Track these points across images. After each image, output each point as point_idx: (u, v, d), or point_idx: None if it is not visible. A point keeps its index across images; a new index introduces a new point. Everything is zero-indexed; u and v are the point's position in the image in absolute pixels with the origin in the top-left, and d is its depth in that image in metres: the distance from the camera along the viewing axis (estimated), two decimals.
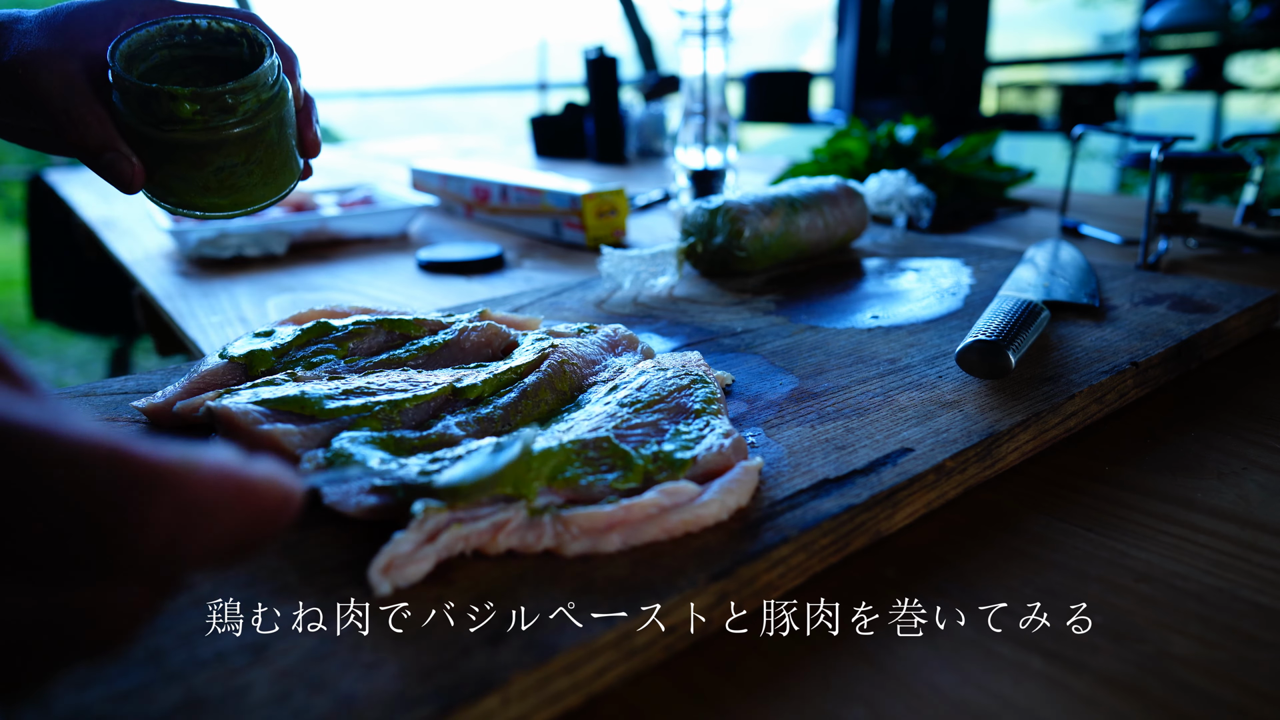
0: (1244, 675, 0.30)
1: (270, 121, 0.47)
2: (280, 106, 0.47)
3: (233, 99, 0.44)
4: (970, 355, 0.48)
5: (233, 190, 0.47)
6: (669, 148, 1.23)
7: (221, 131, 0.45)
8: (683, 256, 0.72)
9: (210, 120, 0.44)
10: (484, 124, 6.30)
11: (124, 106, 0.44)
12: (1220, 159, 0.83)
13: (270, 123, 0.47)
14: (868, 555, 0.37)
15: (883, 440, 0.42)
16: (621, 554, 0.33)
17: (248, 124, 0.45)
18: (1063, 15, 10.84)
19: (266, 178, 0.48)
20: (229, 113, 0.45)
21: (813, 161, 1.21)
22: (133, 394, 0.49)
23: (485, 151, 2.03)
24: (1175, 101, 4.96)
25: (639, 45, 5.15)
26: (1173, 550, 0.37)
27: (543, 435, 0.38)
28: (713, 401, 0.42)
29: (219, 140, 0.45)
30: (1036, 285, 0.64)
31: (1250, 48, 4.39)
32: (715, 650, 0.31)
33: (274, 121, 0.47)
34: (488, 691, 0.26)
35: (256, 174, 0.48)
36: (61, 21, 0.45)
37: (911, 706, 0.29)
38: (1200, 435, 0.48)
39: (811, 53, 14.23)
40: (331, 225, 1.00)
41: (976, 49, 3.76)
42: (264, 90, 0.46)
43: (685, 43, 1.06)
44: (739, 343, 0.57)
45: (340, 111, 7.54)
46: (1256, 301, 0.62)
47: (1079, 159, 1.01)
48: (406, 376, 0.45)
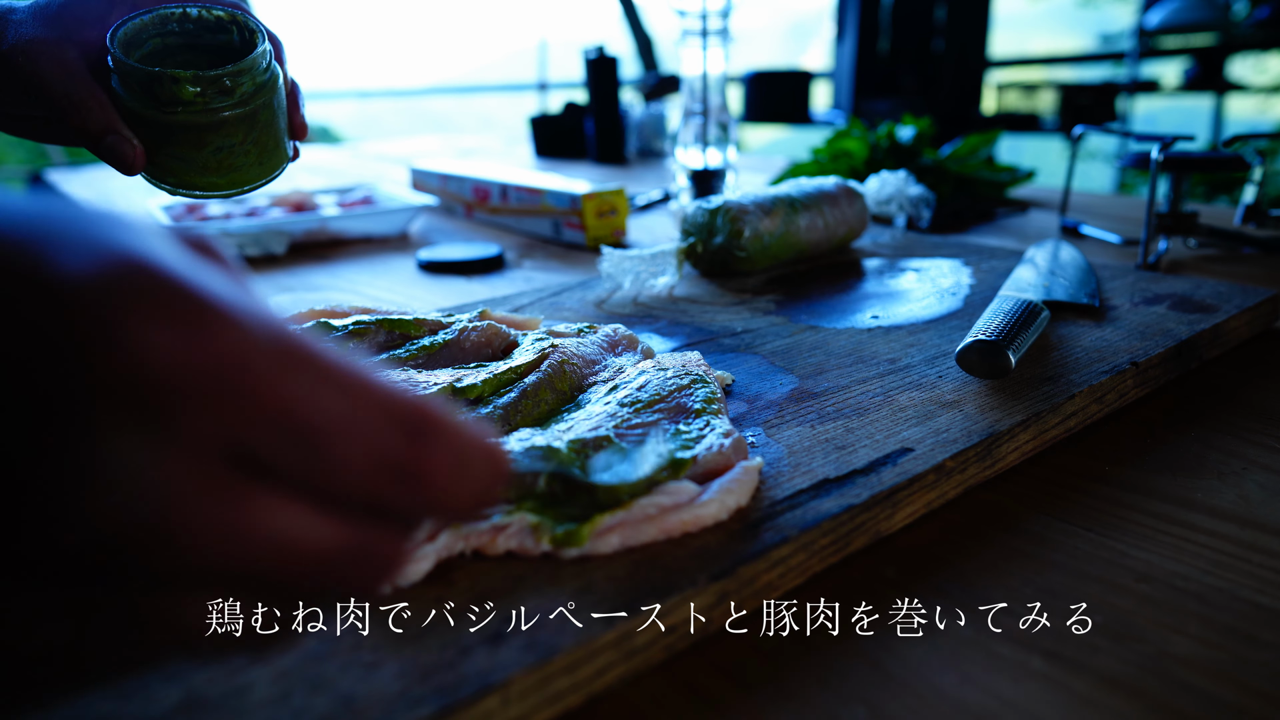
0: (1244, 675, 0.30)
1: (264, 104, 0.49)
2: (273, 90, 0.49)
3: (231, 81, 0.46)
4: (970, 355, 0.48)
5: (230, 170, 0.49)
6: (669, 148, 1.23)
7: (220, 113, 0.47)
8: (683, 256, 0.72)
9: (210, 102, 0.46)
10: (484, 124, 6.30)
11: (125, 91, 0.46)
12: (1220, 159, 0.83)
13: (264, 105, 0.49)
14: (868, 555, 0.37)
15: (883, 440, 0.42)
16: (621, 554, 0.33)
17: (244, 106, 0.47)
18: (1063, 15, 10.83)
19: (261, 158, 0.50)
20: (227, 95, 0.47)
21: (813, 161, 1.21)
22: None
23: (485, 151, 2.03)
24: (1175, 101, 4.96)
25: (639, 45, 5.15)
26: (1173, 550, 0.37)
27: (667, 443, 0.38)
28: (713, 401, 0.42)
29: (218, 121, 0.47)
30: (1036, 285, 0.64)
31: (1250, 48, 4.39)
32: (715, 650, 0.31)
33: (267, 104, 0.49)
34: (488, 691, 0.26)
35: (252, 154, 0.50)
36: (55, 11, 0.46)
37: (911, 706, 0.29)
38: (1200, 435, 0.48)
39: (811, 53, 14.23)
40: (331, 225, 1.00)
41: (976, 49, 3.76)
42: (259, 73, 0.48)
43: (685, 43, 1.06)
44: (739, 343, 0.57)
45: (340, 111, 7.54)
46: (1256, 301, 0.62)
47: (1079, 159, 1.01)
48: (406, 376, 0.45)
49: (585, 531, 0.33)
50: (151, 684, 0.27)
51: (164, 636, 0.19)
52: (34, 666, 0.18)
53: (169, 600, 0.19)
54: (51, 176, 1.77)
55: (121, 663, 0.20)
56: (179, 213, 1.05)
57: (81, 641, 0.18)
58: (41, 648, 0.18)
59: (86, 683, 0.20)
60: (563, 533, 0.33)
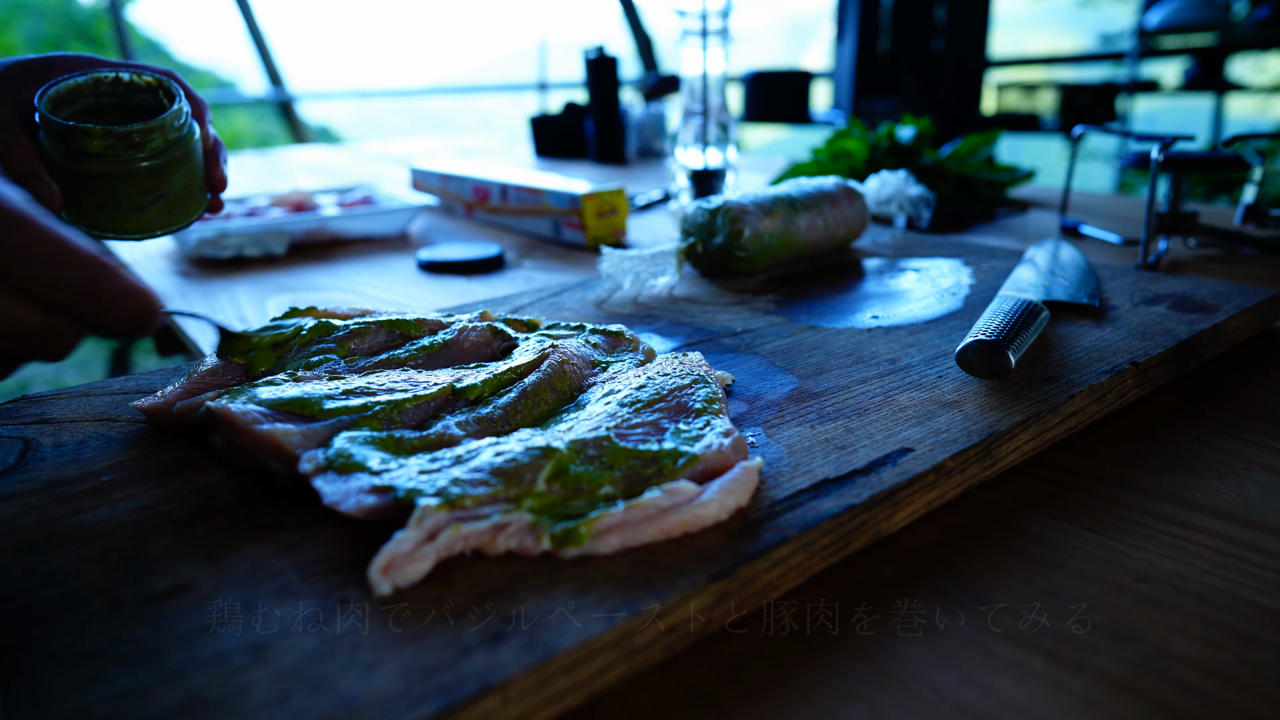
0: (1244, 675, 0.30)
1: (175, 159, 0.53)
2: (185, 147, 0.54)
3: (140, 138, 0.51)
4: (970, 355, 0.48)
5: (139, 217, 0.54)
6: (669, 148, 1.23)
7: (129, 164, 0.52)
8: (683, 256, 0.72)
9: (120, 154, 0.51)
10: (484, 124, 6.30)
11: (48, 142, 0.51)
12: (1220, 159, 0.83)
13: (175, 160, 0.53)
14: (868, 555, 0.37)
15: (883, 440, 0.42)
16: (621, 554, 0.33)
17: (154, 159, 0.52)
18: (1063, 15, 10.84)
19: (173, 207, 0.55)
20: (137, 149, 0.51)
21: (813, 161, 1.21)
22: (133, 394, 0.49)
23: (485, 151, 2.03)
24: (1175, 101, 4.96)
25: (639, 45, 5.15)
26: (1173, 550, 0.37)
27: None
28: (713, 401, 0.42)
29: (127, 172, 0.52)
30: (1036, 285, 0.64)
31: (1250, 48, 4.39)
32: (715, 650, 0.31)
33: (180, 159, 0.54)
34: (488, 691, 0.26)
35: (163, 204, 0.54)
36: (0, 72, 0.52)
37: (911, 706, 0.29)
38: (1200, 435, 0.48)
39: (811, 53, 14.23)
40: (331, 225, 1.00)
41: (976, 49, 3.76)
42: (170, 131, 0.53)
43: (685, 43, 1.06)
44: (739, 343, 0.57)
45: (340, 111, 7.54)
46: (1256, 301, 0.62)
47: (1079, 159, 1.01)
48: (406, 376, 0.45)
49: (585, 531, 0.33)
50: (152, 684, 0.27)
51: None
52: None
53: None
54: None
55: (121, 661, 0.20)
56: None
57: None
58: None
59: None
60: (562, 532, 0.33)
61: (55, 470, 0.40)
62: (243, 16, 5.13)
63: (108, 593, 0.31)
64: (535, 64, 3.01)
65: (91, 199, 0.52)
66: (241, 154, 2.15)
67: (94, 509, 0.37)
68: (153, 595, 0.31)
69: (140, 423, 0.45)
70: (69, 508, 0.37)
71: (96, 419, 0.46)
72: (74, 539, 0.35)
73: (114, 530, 0.35)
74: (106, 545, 0.34)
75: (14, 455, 0.41)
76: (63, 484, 0.39)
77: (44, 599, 0.31)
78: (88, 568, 0.33)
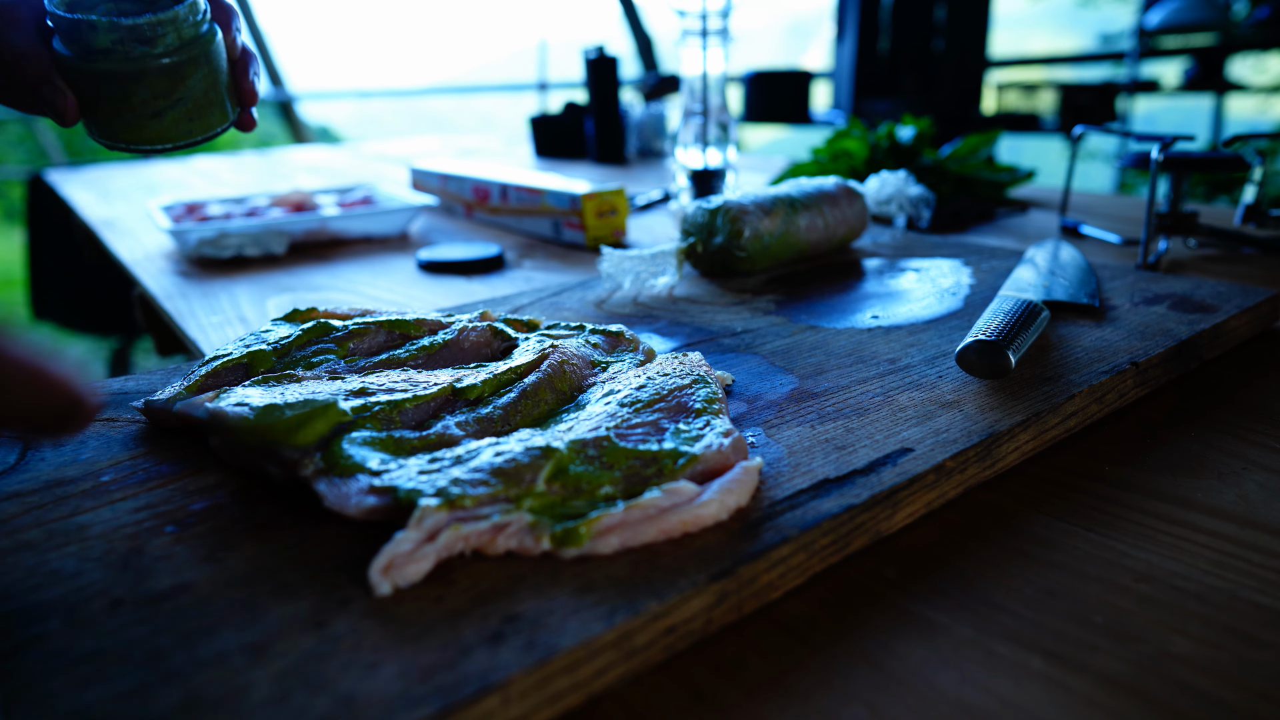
0: (1244, 675, 0.30)
1: (192, 58, 0.50)
2: (203, 47, 0.51)
3: (150, 31, 0.48)
4: (970, 355, 0.48)
5: (157, 124, 0.51)
6: (669, 148, 1.23)
7: (142, 62, 0.48)
8: (683, 256, 0.72)
9: (130, 51, 0.48)
10: (484, 124, 6.30)
11: (59, 44, 0.48)
12: (1220, 159, 0.83)
13: (192, 59, 0.50)
14: (868, 555, 0.37)
15: (883, 440, 0.42)
16: (621, 554, 0.33)
17: (169, 56, 0.49)
18: (1063, 15, 10.83)
19: (193, 114, 0.52)
20: (148, 45, 0.48)
21: (813, 161, 1.21)
22: (133, 394, 0.49)
23: (485, 151, 2.03)
24: (1175, 101, 4.95)
25: (639, 45, 5.14)
26: (1173, 550, 0.37)
27: None
28: (713, 401, 0.42)
29: (139, 70, 0.49)
30: (1036, 285, 0.64)
31: (1250, 48, 4.39)
32: (715, 650, 0.32)
33: (197, 59, 0.51)
34: (488, 691, 0.26)
35: (182, 110, 0.51)
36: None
37: (911, 706, 0.29)
38: (1200, 435, 0.48)
39: (811, 53, 14.23)
40: (331, 225, 1.00)
41: (976, 49, 3.76)
42: (185, 27, 0.49)
43: (685, 43, 1.06)
44: (739, 343, 0.57)
45: (340, 111, 7.54)
46: (1256, 301, 0.62)
47: (1079, 159, 1.01)
48: (406, 376, 0.45)
49: (585, 531, 0.33)
50: (152, 684, 0.27)
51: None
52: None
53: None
54: (51, 177, 1.77)
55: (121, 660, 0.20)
56: (179, 213, 1.05)
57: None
58: None
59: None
60: (562, 532, 0.33)
61: (55, 470, 0.40)
62: (243, 17, 5.12)
63: (108, 593, 0.31)
64: (535, 64, 3.01)
65: (107, 105, 0.49)
66: (242, 154, 2.15)
67: (94, 509, 0.37)
68: (153, 595, 0.31)
69: (140, 423, 0.45)
70: (69, 508, 0.37)
71: (96, 419, 0.46)
72: (74, 539, 0.35)
73: (114, 530, 0.35)
74: (106, 545, 0.34)
75: (14, 455, 0.41)
76: (63, 484, 0.39)
77: (44, 599, 0.31)
78: (88, 568, 0.33)
